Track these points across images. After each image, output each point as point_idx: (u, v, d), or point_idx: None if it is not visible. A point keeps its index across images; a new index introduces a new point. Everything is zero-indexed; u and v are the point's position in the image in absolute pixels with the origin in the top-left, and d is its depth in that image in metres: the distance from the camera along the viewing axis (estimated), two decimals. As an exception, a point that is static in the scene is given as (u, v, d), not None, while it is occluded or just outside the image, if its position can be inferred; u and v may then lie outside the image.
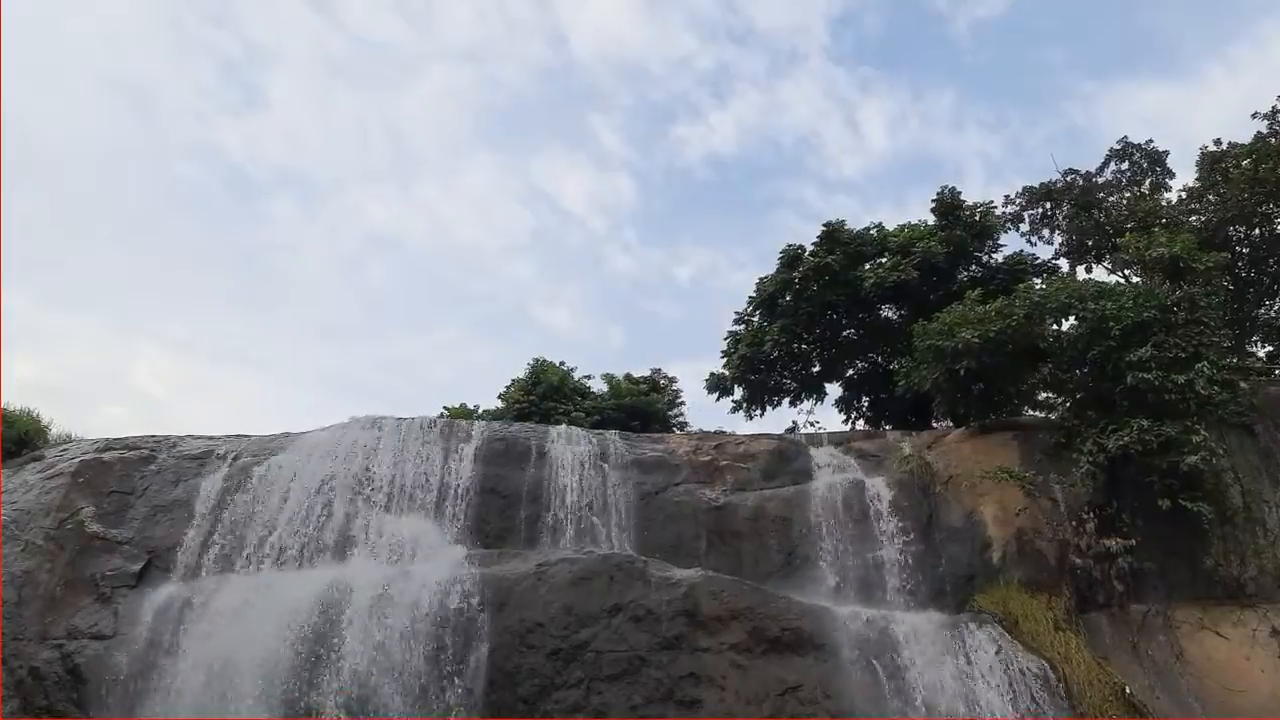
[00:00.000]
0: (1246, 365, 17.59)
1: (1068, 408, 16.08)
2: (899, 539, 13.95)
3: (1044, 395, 17.16)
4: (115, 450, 14.67)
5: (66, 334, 50.45)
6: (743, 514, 14.62)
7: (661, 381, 27.19)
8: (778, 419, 45.53)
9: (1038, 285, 17.22)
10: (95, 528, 13.18)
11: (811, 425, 21.94)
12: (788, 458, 15.95)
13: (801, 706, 10.98)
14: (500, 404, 24.76)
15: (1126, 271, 19.92)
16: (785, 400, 23.19)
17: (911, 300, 20.62)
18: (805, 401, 23.17)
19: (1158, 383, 13.82)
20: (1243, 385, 14.76)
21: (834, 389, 23.23)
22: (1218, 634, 12.82)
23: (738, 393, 23.26)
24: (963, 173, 71.67)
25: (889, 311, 21.78)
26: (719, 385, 23.30)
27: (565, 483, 14.72)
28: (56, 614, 12.02)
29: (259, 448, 14.92)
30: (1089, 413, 14.88)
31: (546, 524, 14.19)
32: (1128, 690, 11.62)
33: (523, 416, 21.95)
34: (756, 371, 22.68)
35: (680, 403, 27.06)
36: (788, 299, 21.70)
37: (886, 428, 20.19)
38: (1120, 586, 13.16)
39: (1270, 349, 21.26)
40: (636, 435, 17.08)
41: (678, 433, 23.13)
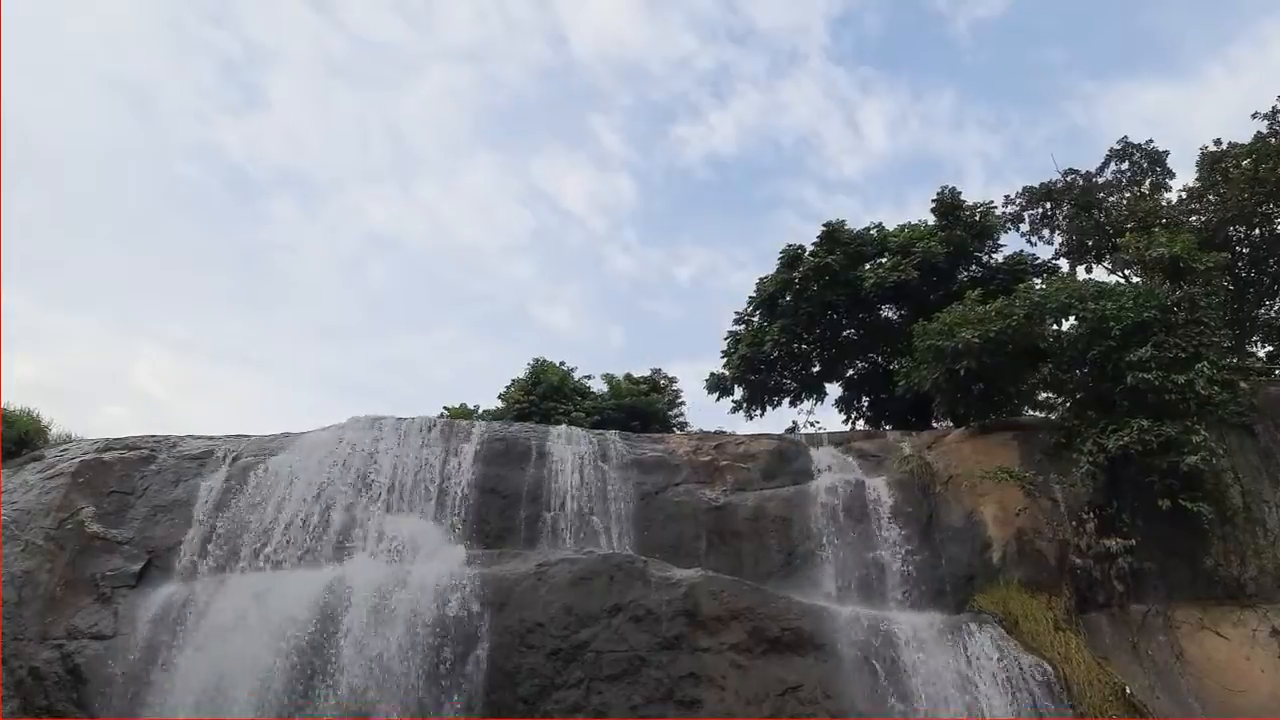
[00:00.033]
0: (1246, 365, 17.57)
1: (1068, 408, 16.08)
2: (899, 539, 13.95)
3: (1044, 395, 17.16)
4: (115, 450, 14.67)
5: (66, 334, 50.53)
6: (743, 514, 14.62)
7: (661, 381, 27.20)
8: (778, 419, 45.57)
9: (1038, 285, 17.22)
10: (95, 528, 13.18)
11: (811, 425, 21.99)
12: (788, 458, 15.95)
13: (801, 707, 10.97)
14: (500, 404, 24.78)
15: (1126, 272, 19.93)
16: (785, 400, 23.21)
17: (911, 300, 20.62)
18: (805, 401, 23.21)
19: (1158, 383, 13.82)
20: (1243, 385, 14.75)
21: (834, 389, 23.29)
22: (1218, 634, 12.82)
23: (738, 393, 23.27)
24: (963, 173, 71.79)
25: (889, 311, 21.78)
26: (719, 385, 23.31)
27: (565, 483, 14.72)
28: (56, 614, 12.02)
29: (259, 448, 14.92)
30: (1089, 413, 14.88)
31: (546, 524, 14.19)
32: (1128, 690, 11.62)
33: (523, 416, 21.96)
34: (756, 371, 22.68)
35: (680, 403, 27.13)
36: (788, 299, 21.71)
37: (886, 428, 20.19)
38: (1120, 586, 13.16)
39: (1270, 349, 21.27)
40: (636, 435, 17.08)
41: (678, 433, 23.14)
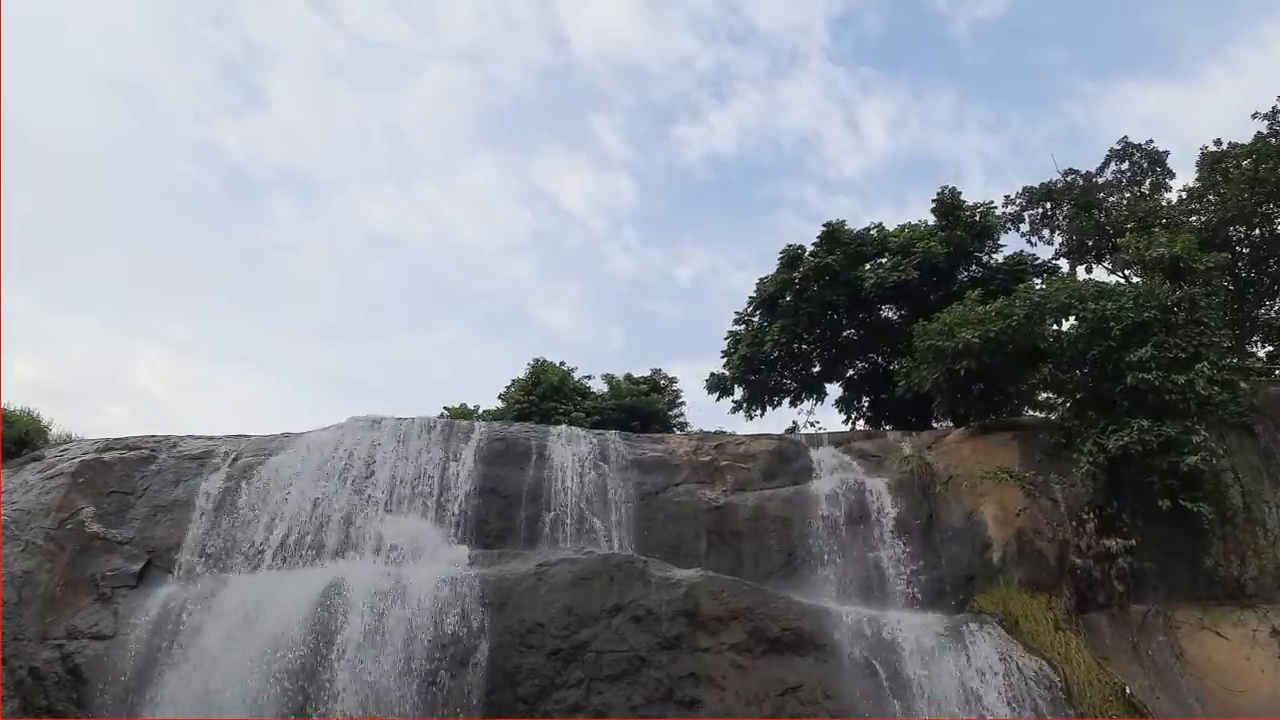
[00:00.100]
0: (1247, 365, 17.56)
1: (1068, 408, 16.08)
2: (899, 539, 13.95)
3: (1044, 395, 17.16)
4: (115, 450, 14.67)
5: (66, 334, 50.54)
6: (743, 514, 14.62)
7: (661, 382, 27.21)
8: (778, 419, 45.59)
9: (1038, 285, 17.22)
10: (95, 528, 13.18)
11: (812, 425, 22.03)
12: (788, 458, 15.94)
13: (802, 707, 10.97)
14: (500, 404, 24.77)
15: (1127, 272, 19.93)
16: (785, 400, 23.20)
17: (912, 300, 20.62)
18: (805, 401, 23.20)
19: (1158, 383, 13.82)
20: (1243, 385, 14.76)
21: (834, 389, 23.28)
22: (1218, 634, 12.82)
23: (738, 393, 23.27)
24: (963, 173, 71.79)
25: (889, 312, 21.78)
26: (719, 385, 23.31)
27: (565, 483, 14.72)
28: (56, 614, 12.02)
29: (259, 448, 14.92)
30: (1089, 413, 14.87)
31: (546, 524, 14.18)
32: (1128, 690, 11.62)
33: (523, 417, 21.96)
34: (756, 371, 22.68)
35: (680, 403, 27.14)
36: (788, 299, 21.70)
37: (886, 428, 20.19)
38: (1120, 587, 13.16)
39: (1270, 349, 21.26)
40: (636, 435, 17.08)
41: (678, 433, 23.13)
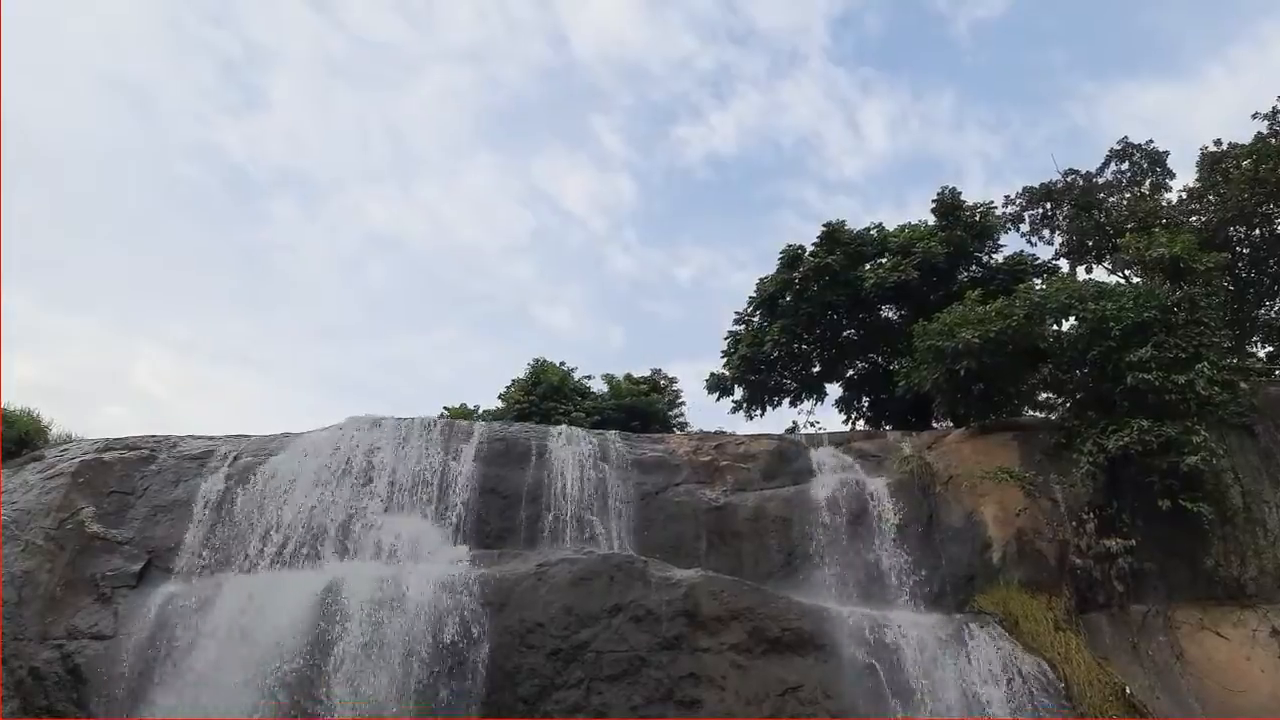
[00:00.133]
0: (1247, 366, 17.58)
1: (1068, 408, 16.08)
2: (899, 539, 13.96)
3: (1044, 395, 17.17)
4: (115, 450, 14.66)
5: (66, 334, 50.53)
6: (743, 514, 14.62)
7: (662, 382, 27.21)
8: (778, 419, 45.67)
9: (1038, 285, 17.23)
10: (95, 528, 13.17)
11: (812, 425, 22.03)
12: (788, 458, 15.94)
13: (802, 707, 10.98)
14: (500, 404, 24.78)
15: (1127, 272, 19.94)
16: (785, 400, 23.20)
17: (912, 300, 20.62)
18: (805, 402, 23.20)
19: (1158, 383, 13.82)
20: (1243, 386, 14.77)
21: (834, 389, 23.28)
22: (1218, 634, 12.83)
23: (738, 393, 23.27)
24: (963, 173, 71.82)
25: (889, 312, 21.78)
26: (719, 385, 23.31)
27: (565, 483, 14.71)
28: (56, 614, 12.01)
29: (259, 448, 14.91)
30: (1089, 413, 14.88)
31: (546, 524, 14.17)
32: (1128, 690, 11.63)
33: (523, 417, 21.97)
34: (757, 372, 22.68)
35: (680, 403, 27.16)
36: (788, 299, 21.70)
37: (886, 428, 20.19)
38: (1120, 587, 13.17)
39: (1270, 349, 21.27)
40: (636, 435, 17.07)
41: (678, 433, 23.13)
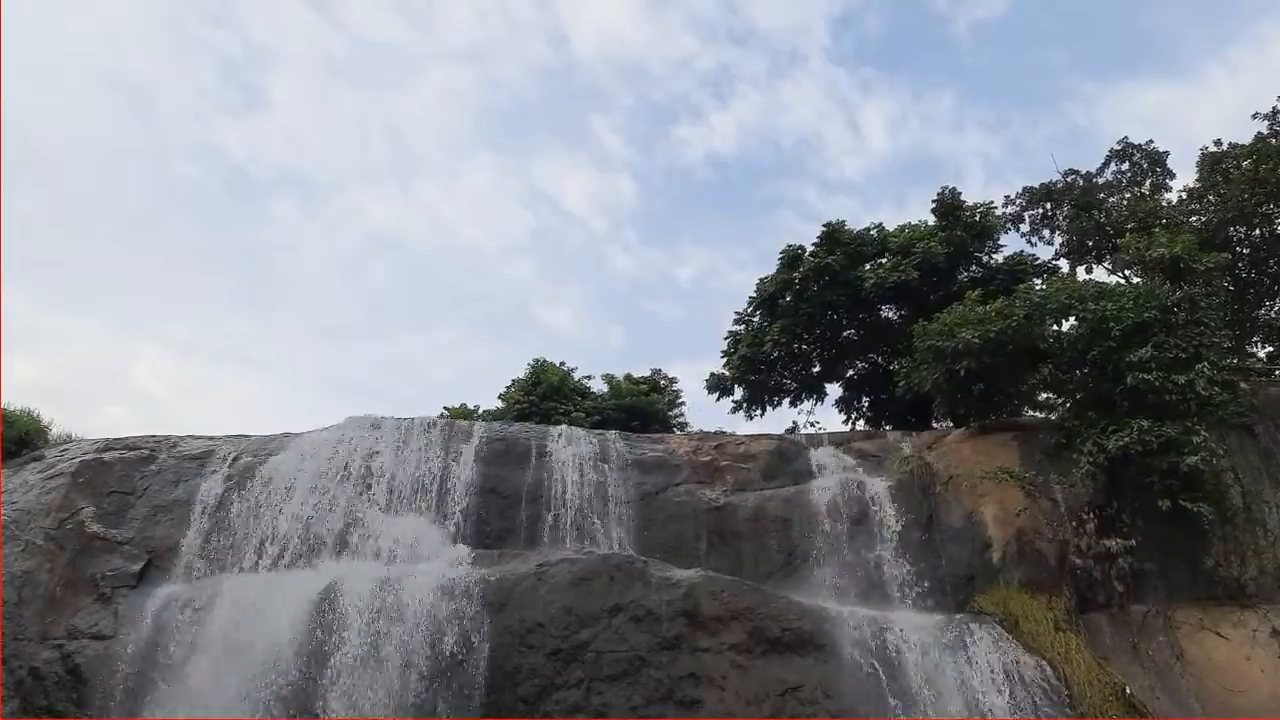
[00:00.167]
0: (1247, 366, 17.57)
1: (1068, 408, 16.08)
2: (899, 539, 13.95)
3: (1044, 396, 17.17)
4: (115, 450, 14.66)
5: (66, 334, 50.52)
6: (743, 514, 14.61)
7: (662, 382, 27.20)
8: (778, 419, 45.66)
9: (1038, 286, 17.23)
10: (95, 528, 13.17)
11: (812, 425, 22.04)
12: (788, 458, 15.94)
13: (802, 707, 10.97)
14: (500, 404, 24.78)
15: (1127, 272, 19.94)
16: (785, 400, 23.21)
17: (912, 301, 20.62)
18: (805, 402, 23.21)
19: (1158, 383, 13.82)
20: (1243, 386, 14.77)
21: (834, 389, 23.30)
22: (1218, 634, 12.83)
23: (738, 393, 23.28)
24: (963, 173, 71.80)
25: (889, 312, 21.78)
26: (719, 385, 23.31)
27: (565, 483, 14.71)
28: (56, 614, 12.01)
29: (259, 448, 14.91)
30: (1089, 413, 14.87)
31: (547, 524, 14.18)
32: (1128, 690, 11.63)
33: (523, 417, 21.97)
34: (757, 372, 22.68)
35: (680, 403, 27.15)
36: (788, 299, 21.70)
37: (886, 428, 20.19)
38: (1120, 587, 13.16)
39: (1271, 349, 21.26)
40: (637, 435, 17.07)
41: (678, 433, 23.12)
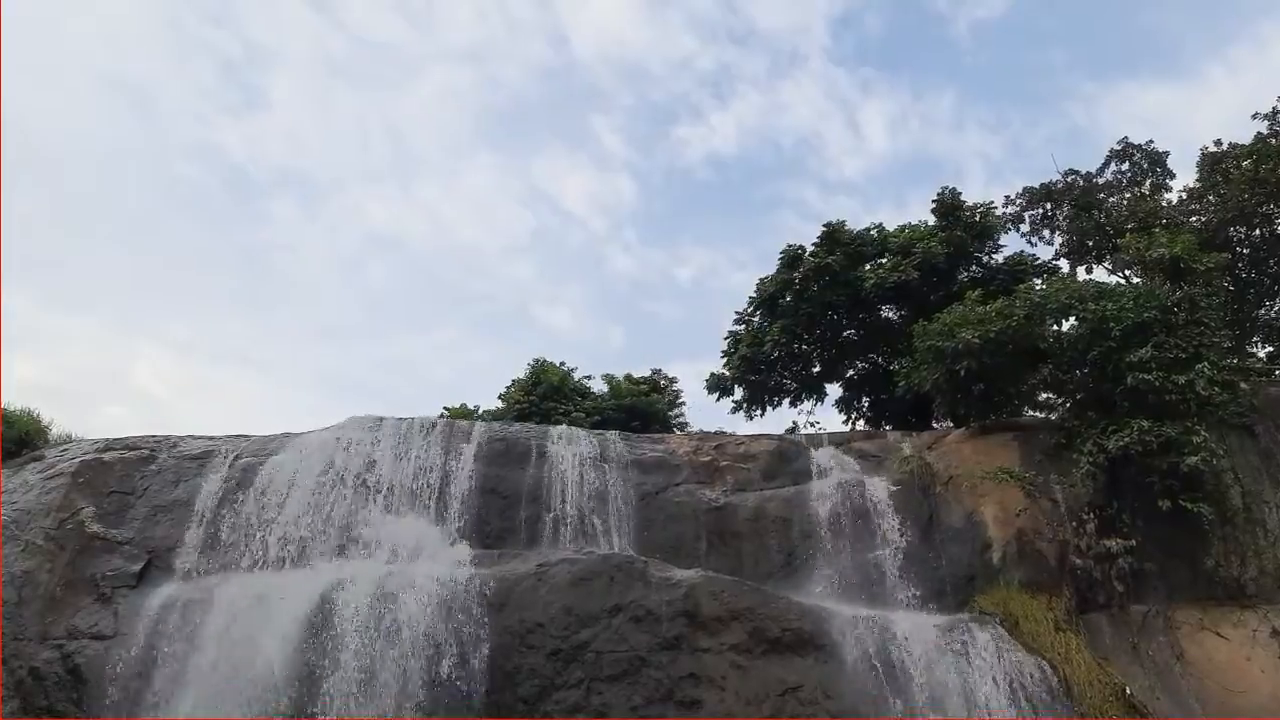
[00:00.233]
0: (1247, 366, 17.58)
1: (1068, 408, 16.08)
2: (899, 539, 13.94)
3: (1044, 396, 17.17)
4: (115, 450, 14.65)
5: (66, 334, 50.52)
6: (743, 514, 14.61)
7: (662, 382, 27.19)
8: (778, 419, 45.58)
9: (1038, 286, 17.23)
10: (95, 528, 13.16)
11: (812, 426, 22.00)
12: (788, 458, 15.93)
13: (802, 707, 10.97)
14: (500, 404, 24.77)
15: (1127, 272, 19.94)
16: (785, 400, 23.20)
17: (912, 301, 20.62)
18: (805, 402, 23.21)
19: (1158, 383, 13.81)
20: (1243, 386, 14.77)
21: (834, 389, 23.30)
22: (1218, 635, 12.82)
23: (738, 393, 23.27)
24: (963, 173, 71.77)
25: (889, 312, 21.78)
26: (719, 385, 23.31)
27: (565, 483, 14.70)
28: (56, 614, 12.00)
29: (259, 448, 14.90)
30: (1089, 413, 14.87)
31: (547, 524, 14.17)
32: (1128, 691, 11.62)
33: (523, 417, 21.96)
34: (757, 372, 22.68)
35: (680, 403, 27.12)
36: (788, 299, 21.70)
37: (887, 428, 20.18)
38: (1120, 587, 13.16)
39: (1271, 349, 21.27)
40: (637, 435, 17.05)
41: (678, 433, 23.11)
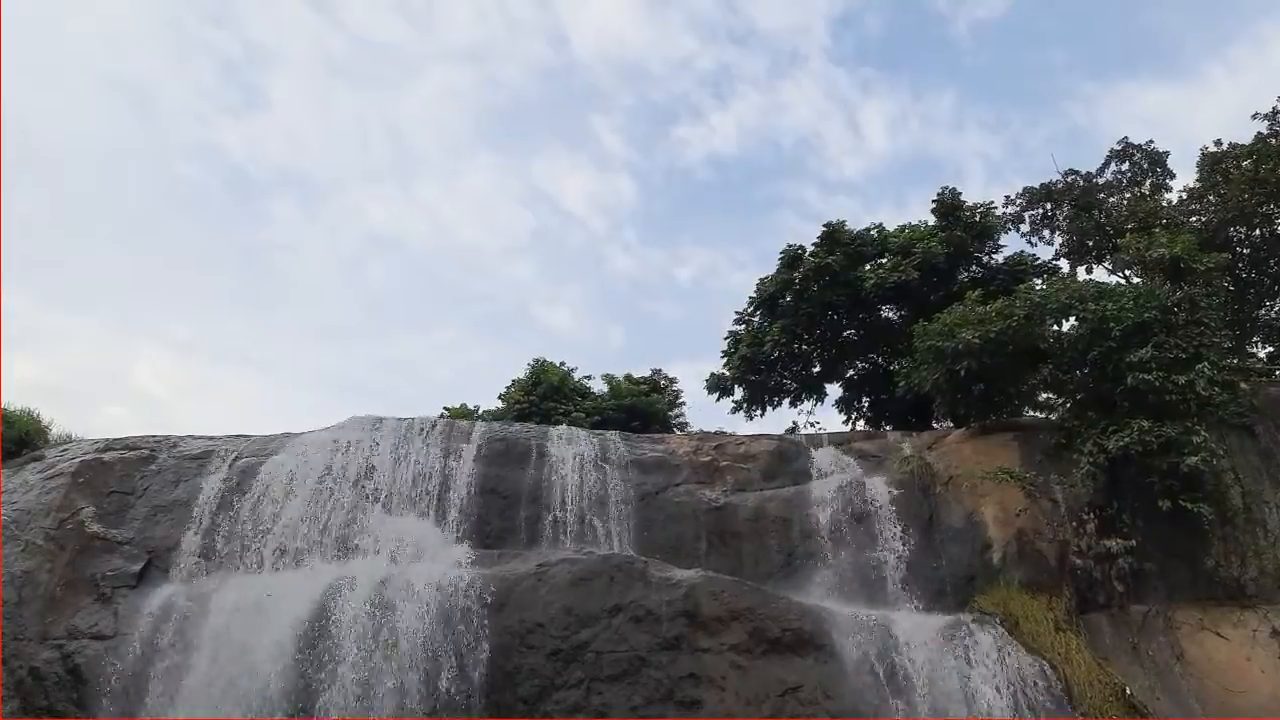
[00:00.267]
0: (1247, 366, 17.57)
1: (1068, 408, 16.09)
2: (899, 540, 13.94)
3: (1044, 396, 17.17)
4: (115, 450, 14.66)
5: (66, 334, 50.53)
6: (743, 514, 14.61)
7: (662, 382, 27.19)
8: (778, 419, 45.63)
9: (1038, 286, 17.24)
10: (95, 528, 13.16)
11: (812, 426, 21.98)
12: (788, 458, 15.94)
13: (802, 707, 10.97)
14: (500, 404, 24.78)
15: (1127, 272, 19.92)
16: (785, 401, 23.21)
17: (912, 301, 20.62)
18: (805, 402, 23.22)
19: (1158, 383, 13.81)
20: (1243, 386, 14.78)
21: (834, 389, 23.31)
22: (1218, 635, 12.82)
23: (738, 393, 23.28)
24: (963, 173, 71.75)
25: (889, 312, 21.78)
26: (719, 385, 23.31)
27: (566, 483, 14.71)
28: (56, 614, 12.01)
29: (259, 448, 14.91)
30: (1089, 413, 14.87)
31: (547, 524, 14.18)
32: (1128, 691, 11.62)
33: (523, 417, 21.96)
34: (757, 372, 22.68)
35: (681, 403, 27.12)
36: (788, 299, 21.71)
37: (887, 428, 20.18)
38: (1120, 587, 13.17)
39: (1271, 350, 21.25)
40: (637, 436, 17.06)
41: (678, 433, 23.10)
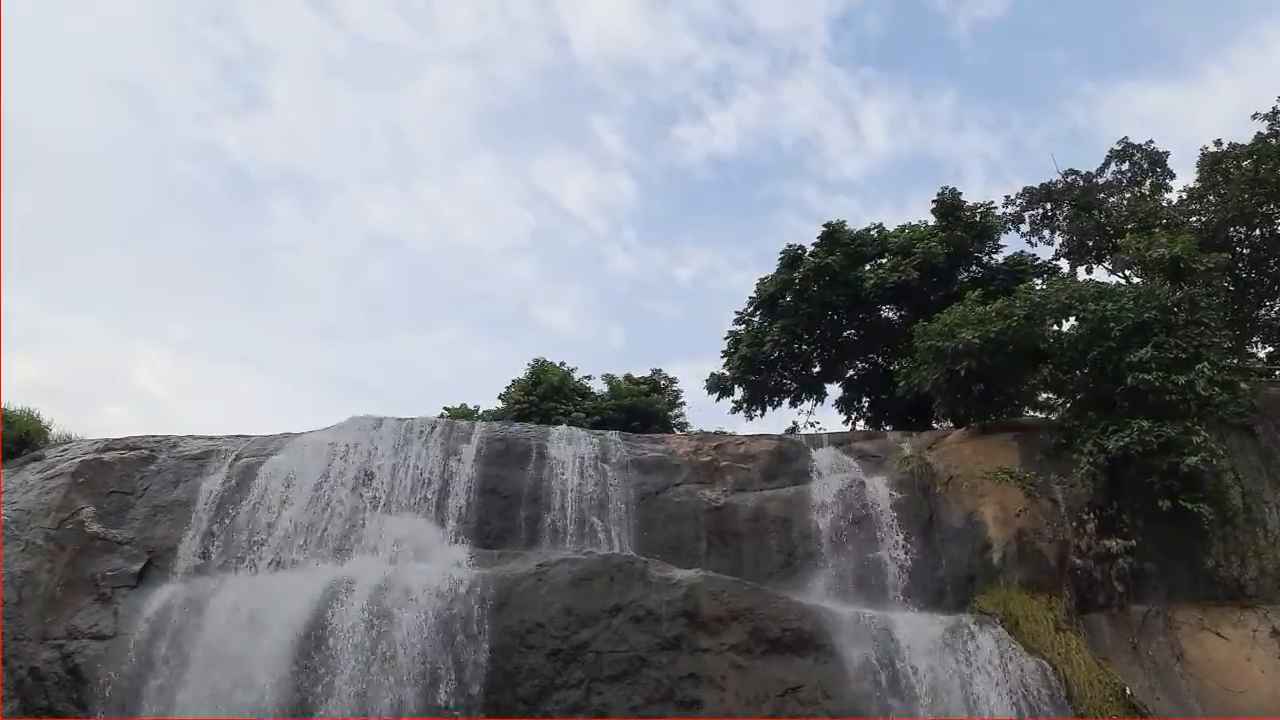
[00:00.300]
0: (1247, 366, 17.58)
1: (1068, 408, 16.09)
2: (899, 540, 13.93)
3: (1044, 396, 17.18)
4: (115, 450, 14.65)
5: (66, 334, 50.53)
6: (743, 514, 14.61)
7: (662, 382, 27.19)
8: (778, 419, 45.64)
9: (1038, 286, 17.24)
10: (95, 528, 13.16)
11: (812, 426, 21.99)
12: (788, 458, 15.94)
13: (802, 707, 10.97)
14: (500, 404, 24.78)
15: (1127, 272, 19.93)
16: (785, 401, 23.21)
17: (912, 301, 20.62)
18: (805, 402, 23.21)
19: (1158, 384, 13.82)
20: (1243, 386, 14.78)
21: (834, 389, 23.31)
22: (1218, 635, 12.83)
23: (738, 393, 23.28)
24: (963, 173, 71.77)
25: (889, 312, 21.78)
26: (719, 385, 23.31)
27: (565, 483, 14.70)
28: (56, 614, 12.01)
29: (259, 448, 14.91)
30: (1089, 413, 14.87)
31: (547, 524, 14.17)
32: (1128, 691, 11.63)
33: (523, 417, 21.97)
34: (757, 372, 22.68)
35: (681, 403, 27.12)
36: (788, 299, 21.71)
37: (887, 428, 20.19)
38: (1120, 587, 13.17)
39: (1271, 350, 21.26)
40: (637, 436, 17.06)
41: (678, 433, 23.10)
